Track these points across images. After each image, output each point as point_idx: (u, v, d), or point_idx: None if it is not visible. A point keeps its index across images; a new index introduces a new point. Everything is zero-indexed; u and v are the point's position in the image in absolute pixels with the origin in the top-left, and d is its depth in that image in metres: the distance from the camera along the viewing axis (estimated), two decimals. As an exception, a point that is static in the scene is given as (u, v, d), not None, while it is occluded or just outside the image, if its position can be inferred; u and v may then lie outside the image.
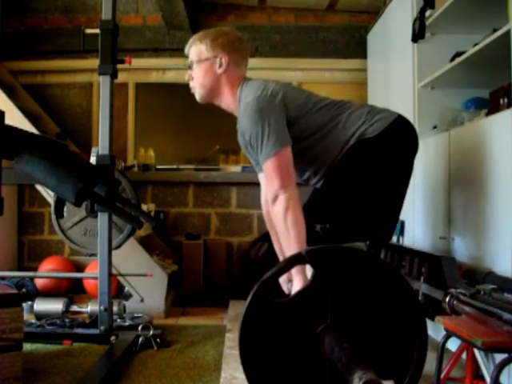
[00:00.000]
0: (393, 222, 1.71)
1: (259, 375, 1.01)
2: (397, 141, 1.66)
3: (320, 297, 1.02)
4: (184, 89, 3.84)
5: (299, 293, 1.06)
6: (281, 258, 1.72)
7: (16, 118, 2.83)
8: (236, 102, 1.69)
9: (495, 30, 1.88)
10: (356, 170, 1.63)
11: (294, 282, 1.46)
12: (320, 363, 1.01)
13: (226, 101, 1.73)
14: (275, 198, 1.52)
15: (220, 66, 1.69)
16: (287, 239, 1.49)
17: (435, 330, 2.21)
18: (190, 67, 1.76)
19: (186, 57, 1.81)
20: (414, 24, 2.47)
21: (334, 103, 1.70)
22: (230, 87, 1.70)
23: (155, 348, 2.17)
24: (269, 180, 1.55)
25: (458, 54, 2.21)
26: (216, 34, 1.73)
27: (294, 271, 1.43)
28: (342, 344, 0.93)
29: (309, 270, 1.41)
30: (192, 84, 1.77)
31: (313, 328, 1.01)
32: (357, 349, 0.92)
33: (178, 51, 3.73)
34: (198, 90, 1.75)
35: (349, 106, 1.70)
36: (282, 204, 1.50)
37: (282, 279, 1.66)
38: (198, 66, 1.72)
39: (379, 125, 1.62)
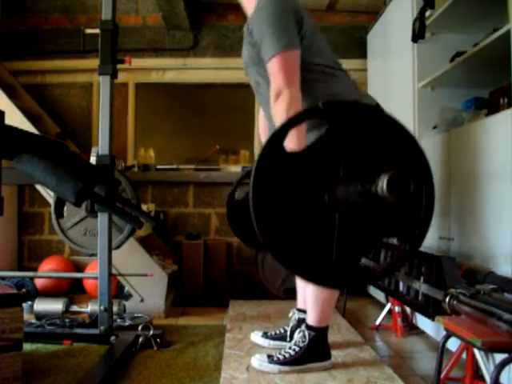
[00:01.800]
0: None
1: (270, 226, 0.99)
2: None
3: (333, 149, 1.00)
4: (184, 89, 3.87)
5: (313, 144, 1.04)
6: None
7: (16, 118, 2.83)
8: (255, 2, 1.66)
9: (495, 30, 1.88)
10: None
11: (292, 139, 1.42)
12: (331, 215, 1.00)
13: None
14: (278, 95, 1.47)
15: None
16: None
17: (435, 329, 2.21)
18: None
19: (186, 56, 1.79)
20: (413, 24, 2.47)
21: (334, 58, 1.73)
22: None
23: (155, 348, 2.17)
24: (273, 77, 1.50)
25: (458, 54, 2.21)
26: None
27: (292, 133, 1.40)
28: (357, 186, 0.93)
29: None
30: None
31: (325, 179, 1.00)
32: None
33: (178, 51, 3.74)
34: None
35: (342, 72, 1.71)
36: (285, 99, 1.44)
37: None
38: None
39: None
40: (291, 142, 1.36)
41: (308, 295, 1.83)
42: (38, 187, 2.92)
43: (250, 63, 1.75)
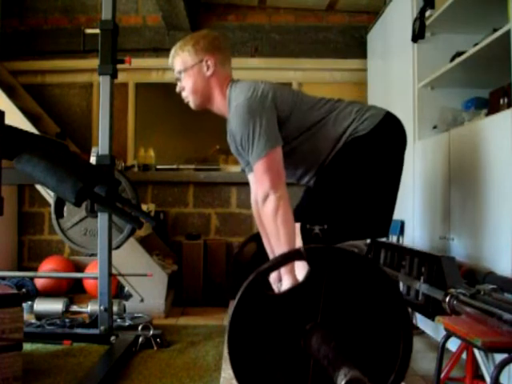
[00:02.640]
0: (389, 218, 1.72)
1: (245, 365, 1.02)
2: (387, 137, 1.67)
3: (312, 294, 1.03)
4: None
5: (293, 288, 1.07)
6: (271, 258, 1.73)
7: (16, 118, 2.83)
8: (226, 103, 1.69)
9: (495, 30, 1.88)
10: (349, 168, 1.64)
11: (284, 280, 1.47)
12: (305, 361, 1.02)
13: (217, 103, 1.73)
14: (265, 198, 1.52)
15: (208, 68, 1.68)
16: (277, 239, 1.50)
17: (435, 329, 2.21)
18: (178, 79, 1.74)
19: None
20: (413, 24, 2.47)
21: (324, 101, 1.71)
22: (220, 89, 1.70)
23: (155, 348, 2.17)
24: (259, 180, 1.55)
25: (458, 54, 2.21)
26: (195, 38, 1.71)
27: (284, 270, 1.46)
28: (330, 342, 0.94)
29: (298, 272, 1.43)
30: (184, 94, 1.74)
31: (302, 324, 1.02)
32: (344, 348, 0.94)
33: (178, 51, 3.74)
34: (191, 98, 1.73)
35: (338, 104, 1.71)
36: (272, 204, 1.51)
37: (273, 278, 1.67)
38: (187, 74, 1.70)
39: (369, 122, 1.64)
40: (286, 283, 1.45)
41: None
42: (38, 187, 2.92)
43: (246, 164, 1.83)
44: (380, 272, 1.06)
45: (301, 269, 1.34)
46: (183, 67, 1.70)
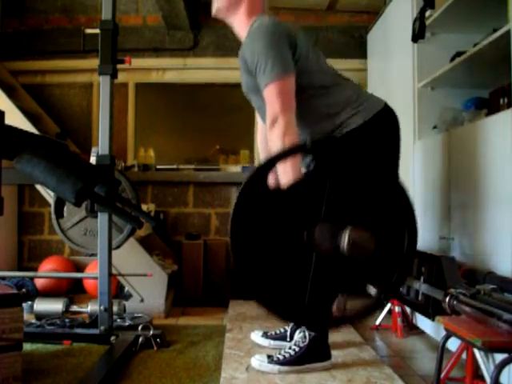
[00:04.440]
0: None
1: (247, 260, 0.99)
2: (379, 131, 1.67)
3: (317, 188, 1.00)
4: (184, 89, 3.87)
5: (297, 182, 1.05)
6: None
7: (16, 118, 2.83)
8: (247, 28, 1.70)
9: (495, 30, 1.88)
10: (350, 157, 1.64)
11: (284, 173, 1.41)
12: (308, 254, 1.00)
13: (240, 24, 1.75)
14: (274, 122, 1.50)
15: None
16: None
17: (435, 329, 2.21)
18: None
19: (186, 56, 1.80)
20: (413, 24, 2.47)
21: (334, 72, 1.74)
22: (249, 13, 1.73)
23: (155, 348, 2.17)
24: (269, 104, 1.53)
25: (458, 54, 2.21)
26: None
27: (289, 165, 1.38)
28: (334, 228, 0.93)
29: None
30: None
31: (306, 218, 1.00)
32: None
33: (178, 51, 3.74)
34: (216, 2, 1.75)
35: (344, 81, 1.73)
36: (280, 128, 1.48)
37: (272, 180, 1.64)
38: None
39: (364, 114, 1.64)
40: (284, 177, 1.37)
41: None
42: (38, 187, 2.92)
43: (250, 90, 1.78)
44: (383, 169, 1.04)
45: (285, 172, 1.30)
46: None
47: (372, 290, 1.99)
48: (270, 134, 1.52)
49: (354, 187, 1.02)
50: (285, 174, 1.39)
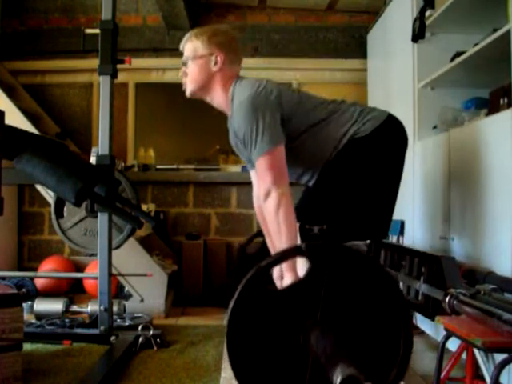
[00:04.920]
0: (388, 219, 1.72)
1: (243, 361, 1.02)
2: (388, 139, 1.67)
3: (313, 291, 1.03)
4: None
5: (293, 284, 1.07)
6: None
7: (16, 118, 2.82)
8: (228, 100, 1.69)
9: (495, 30, 1.88)
10: (349, 169, 1.64)
11: (285, 277, 1.47)
12: (304, 357, 1.02)
13: (218, 98, 1.73)
14: (267, 195, 1.52)
15: (215, 63, 1.68)
16: (278, 235, 1.50)
17: (435, 329, 2.21)
18: (184, 64, 1.74)
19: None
20: (414, 24, 2.47)
21: (327, 102, 1.71)
22: (223, 85, 1.70)
23: (155, 348, 2.17)
24: (261, 177, 1.55)
25: (458, 54, 2.21)
26: (213, 31, 1.72)
27: (286, 267, 1.46)
28: (329, 338, 0.94)
29: (300, 269, 1.43)
30: (184, 80, 1.76)
31: (302, 321, 1.02)
32: (343, 345, 0.94)
33: (178, 51, 3.73)
34: (189, 85, 1.75)
35: (341, 106, 1.71)
36: (274, 200, 1.50)
37: (276, 275, 1.67)
38: (194, 62, 1.71)
39: (370, 124, 1.64)
40: (287, 280, 1.44)
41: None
42: (38, 187, 2.92)
43: (248, 160, 1.81)
44: (380, 269, 1.06)
45: (302, 266, 1.34)
46: (192, 55, 1.71)
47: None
48: (264, 205, 1.55)
49: (349, 290, 1.05)
50: (286, 277, 1.47)
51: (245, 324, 1.02)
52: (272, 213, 1.51)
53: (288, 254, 1.09)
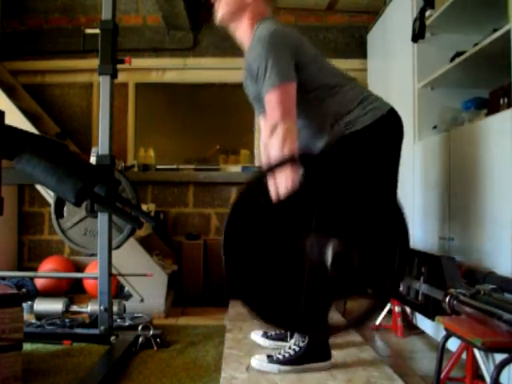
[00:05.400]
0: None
1: (241, 274, 1.00)
2: (384, 136, 1.67)
3: (307, 201, 1.02)
4: (184, 89, 3.87)
5: (287, 195, 1.06)
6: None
7: (16, 118, 2.83)
8: (251, 34, 1.71)
9: (495, 30, 1.88)
10: (346, 163, 1.64)
11: (280, 189, 1.45)
12: (301, 266, 1.01)
13: (242, 30, 1.76)
14: (274, 129, 1.51)
15: None
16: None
17: (435, 329, 2.21)
18: None
19: (186, 56, 1.81)
20: (414, 24, 2.47)
21: (340, 72, 1.74)
22: (251, 18, 1.73)
23: (155, 348, 2.17)
24: (269, 111, 1.54)
25: (458, 54, 2.21)
26: None
27: (280, 179, 1.42)
28: (323, 236, 0.93)
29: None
30: (217, 4, 1.81)
31: (297, 230, 1.01)
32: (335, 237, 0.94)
33: (178, 51, 3.74)
34: (220, 10, 1.79)
35: (349, 81, 1.72)
36: (279, 135, 1.49)
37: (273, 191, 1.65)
38: None
39: (371, 115, 1.64)
40: (280, 187, 1.37)
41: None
42: (38, 187, 2.92)
43: (254, 98, 1.80)
44: (375, 178, 1.05)
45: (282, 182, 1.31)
46: None
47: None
48: (271, 139, 1.53)
49: (345, 199, 1.03)
50: (281, 185, 1.41)
51: (240, 237, 1.00)
52: (277, 149, 1.48)
53: (280, 163, 1.07)
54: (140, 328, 2.22)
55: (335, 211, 1.02)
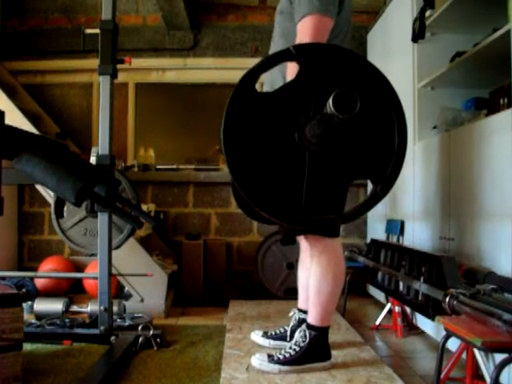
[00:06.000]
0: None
1: (241, 164, 1.00)
2: None
3: (304, 91, 1.01)
4: (184, 89, 3.87)
5: (285, 86, 1.05)
6: None
7: (16, 118, 2.82)
8: None
9: (495, 30, 1.88)
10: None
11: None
12: (301, 154, 1.01)
13: None
14: None
15: None
16: None
17: (435, 329, 2.21)
18: None
19: (186, 56, 1.79)
20: (413, 24, 2.47)
21: None
22: None
23: (155, 348, 2.17)
24: (301, 37, 1.47)
25: (458, 54, 2.22)
26: None
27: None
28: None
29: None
30: None
31: (296, 119, 1.01)
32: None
33: (178, 51, 3.74)
34: None
35: None
36: None
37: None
38: None
39: None
40: (289, 74, 1.38)
41: (311, 292, 1.82)
42: (38, 187, 2.92)
43: (282, 36, 1.76)
44: (370, 66, 1.06)
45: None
46: None
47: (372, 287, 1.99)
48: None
49: (340, 88, 1.01)
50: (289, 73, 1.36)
51: (240, 128, 0.99)
52: None
53: (277, 58, 1.07)
54: (140, 328, 2.22)
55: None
